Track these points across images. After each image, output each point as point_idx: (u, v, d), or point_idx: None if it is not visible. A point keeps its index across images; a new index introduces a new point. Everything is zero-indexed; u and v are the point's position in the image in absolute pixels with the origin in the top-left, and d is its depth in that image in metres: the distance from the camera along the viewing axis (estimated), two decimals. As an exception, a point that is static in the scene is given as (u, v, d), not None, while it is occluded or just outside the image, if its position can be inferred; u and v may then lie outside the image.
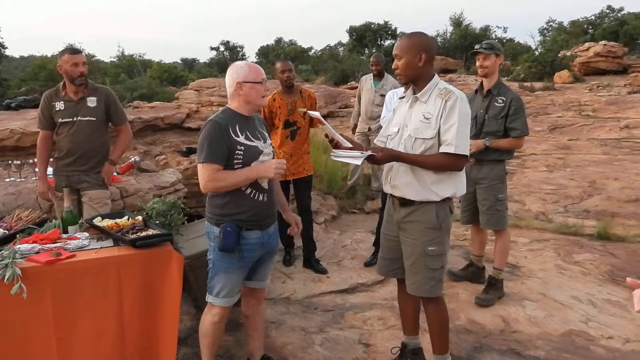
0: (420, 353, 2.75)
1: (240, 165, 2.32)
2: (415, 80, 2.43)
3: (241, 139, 2.34)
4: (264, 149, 2.42)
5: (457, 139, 2.28)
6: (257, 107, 2.48)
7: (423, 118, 2.36)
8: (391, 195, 2.55)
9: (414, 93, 2.46)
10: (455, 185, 2.43)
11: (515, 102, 3.38)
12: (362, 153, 2.31)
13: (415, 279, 2.47)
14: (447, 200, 2.45)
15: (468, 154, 2.37)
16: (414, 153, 2.37)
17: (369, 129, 5.84)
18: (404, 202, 2.46)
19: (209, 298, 2.47)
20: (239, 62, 2.45)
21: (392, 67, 2.48)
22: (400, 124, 2.48)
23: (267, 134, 2.54)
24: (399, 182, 2.44)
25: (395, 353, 2.81)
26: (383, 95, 5.61)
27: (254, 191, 2.38)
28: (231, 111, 2.41)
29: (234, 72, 2.38)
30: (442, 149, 2.32)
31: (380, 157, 2.33)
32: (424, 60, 2.37)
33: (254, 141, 2.39)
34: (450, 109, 2.30)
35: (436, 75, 2.45)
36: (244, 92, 2.37)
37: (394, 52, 2.45)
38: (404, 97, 2.59)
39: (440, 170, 2.37)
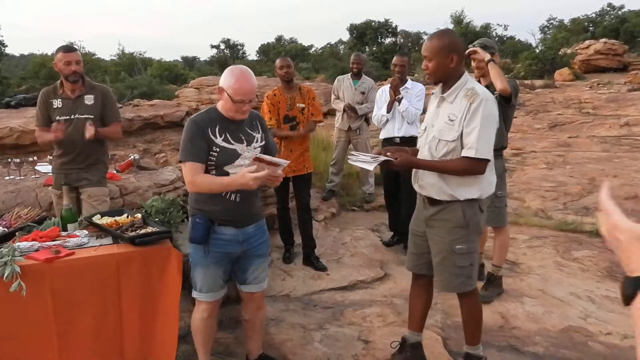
0: (420, 348, 2.76)
1: (213, 166, 2.30)
2: (445, 81, 2.41)
3: (218, 140, 2.30)
4: (243, 152, 2.34)
5: (479, 142, 2.25)
6: (236, 117, 2.37)
7: (448, 119, 2.35)
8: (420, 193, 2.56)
9: (442, 92, 2.43)
10: (480, 187, 2.39)
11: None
12: (377, 158, 2.31)
13: (444, 276, 2.48)
14: (475, 199, 2.41)
15: (490, 158, 2.32)
16: (437, 155, 2.37)
17: (349, 127, 5.67)
18: (433, 201, 2.47)
19: (194, 293, 2.48)
20: (235, 69, 2.33)
21: (422, 67, 2.42)
22: (428, 123, 2.49)
23: (258, 135, 2.44)
24: (425, 182, 2.46)
25: (394, 347, 2.82)
26: (363, 93, 5.57)
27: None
28: (215, 111, 2.38)
29: (224, 75, 2.32)
30: (463, 153, 2.30)
31: (397, 164, 2.34)
32: (455, 61, 2.33)
33: (233, 144, 2.32)
34: (473, 112, 2.27)
35: (465, 73, 2.41)
36: (223, 98, 2.33)
37: (423, 53, 2.38)
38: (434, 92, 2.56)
39: (460, 175, 2.35)
